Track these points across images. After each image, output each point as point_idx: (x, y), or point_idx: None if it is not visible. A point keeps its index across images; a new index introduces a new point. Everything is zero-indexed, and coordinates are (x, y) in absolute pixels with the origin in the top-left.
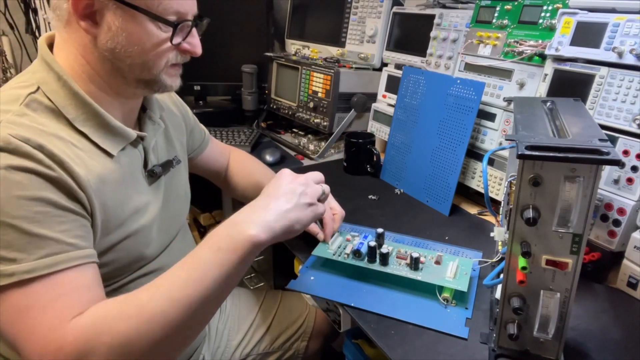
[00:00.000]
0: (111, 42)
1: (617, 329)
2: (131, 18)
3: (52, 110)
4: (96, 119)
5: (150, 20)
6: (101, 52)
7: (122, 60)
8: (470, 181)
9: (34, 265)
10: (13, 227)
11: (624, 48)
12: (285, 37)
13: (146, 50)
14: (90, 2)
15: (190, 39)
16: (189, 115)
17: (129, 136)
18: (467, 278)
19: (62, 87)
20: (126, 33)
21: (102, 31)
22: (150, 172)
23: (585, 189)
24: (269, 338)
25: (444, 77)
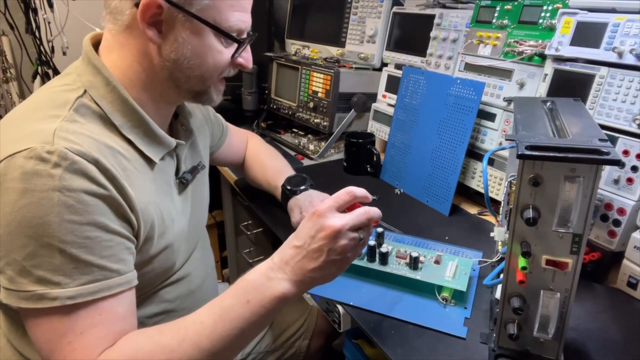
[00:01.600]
0: (175, 53)
1: (617, 329)
2: (198, 31)
3: (100, 116)
4: (142, 126)
5: (215, 35)
6: (162, 62)
7: (182, 71)
8: (470, 181)
9: (78, 292)
10: (61, 252)
11: (624, 48)
12: (285, 37)
13: (207, 64)
14: (159, 12)
15: (244, 54)
16: (210, 113)
17: (170, 144)
18: (466, 278)
19: (111, 92)
20: (191, 46)
21: (167, 41)
22: (182, 180)
23: (585, 189)
24: (270, 337)
25: (444, 77)
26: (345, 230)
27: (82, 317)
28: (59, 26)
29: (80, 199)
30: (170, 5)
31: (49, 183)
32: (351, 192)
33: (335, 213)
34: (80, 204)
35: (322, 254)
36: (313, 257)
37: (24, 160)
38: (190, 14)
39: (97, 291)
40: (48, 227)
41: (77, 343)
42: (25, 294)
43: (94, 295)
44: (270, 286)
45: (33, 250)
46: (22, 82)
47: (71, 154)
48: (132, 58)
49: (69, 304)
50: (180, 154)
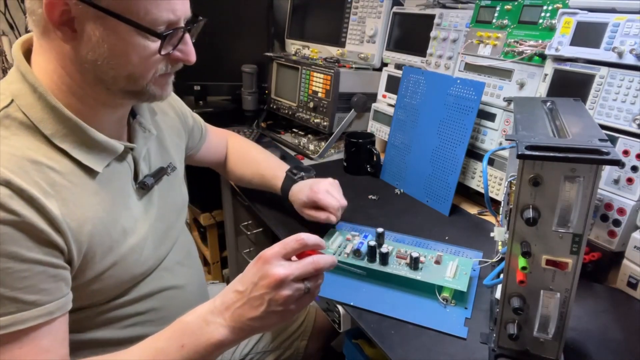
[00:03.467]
0: (92, 54)
1: (617, 329)
2: (113, 28)
3: (27, 126)
4: (77, 134)
5: (135, 30)
6: (81, 64)
7: (105, 72)
8: (470, 181)
9: None
10: None
11: (624, 48)
12: (285, 37)
13: (132, 63)
14: (66, 9)
15: (182, 47)
16: (187, 114)
17: (116, 150)
18: (467, 278)
19: (38, 100)
20: (108, 44)
21: (82, 41)
22: (142, 184)
23: (585, 189)
24: (268, 337)
25: (444, 77)
26: (289, 281)
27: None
28: None
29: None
30: (78, 1)
31: None
32: (301, 239)
33: (281, 261)
34: None
35: (263, 303)
36: (253, 305)
37: None
38: (100, 9)
39: (9, 325)
40: None
41: None
42: None
43: (6, 329)
44: (207, 331)
45: None
46: None
47: None
48: (55, 61)
49: None
50: (137, 157)
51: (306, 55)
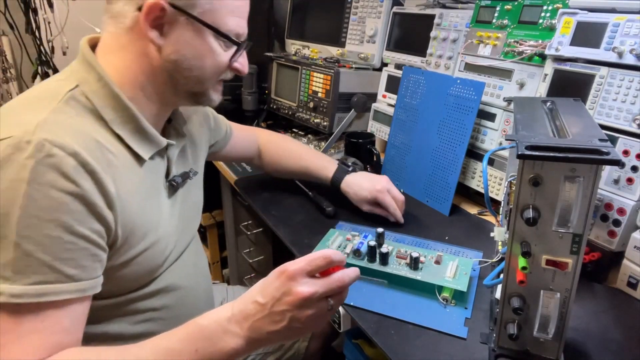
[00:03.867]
0: (175, 54)
1: (617, 329)
2: (199, 33)
3: (90, 110)
4: (133, 123)
5: (215, 38)
6: (162, 62)
7: (181, 72)
8: (470, 181)
9: (24, 290)
10: (17, 246)
11: (624, 48)
12: (285, 37)
13: (205, 66)
14: (162, 14)
15: (241, 59)
16: (209, 115)
17: (160, 143)
18: (467, 278)
19: (102, 88)
20: (192, 47)
21: (168, 43)
22: (171, 183)
23: (585, 189)
24: None
25: (444, 77)
26: (314, 299)
27: (24, 320)
28: (59, 26)
29: (48, 194)
30: (173, 8)
31: (19, 173)
32: (328, 257)
33: (306, 278)
34: (47, 199)
35: (284, 319)
36: (274, 320)
37: (2, 149)
38: (192, 17)
39: (44, 294)
40: (9, 218)
41: (13, 346)
42: None
43: (40, 297)
44: (223, 339)
45: None
46: (22, 82)
47: (49, 145)
48: (131, 59)
49: (14, 303)
50: (171, 157)
51: (306, 55)
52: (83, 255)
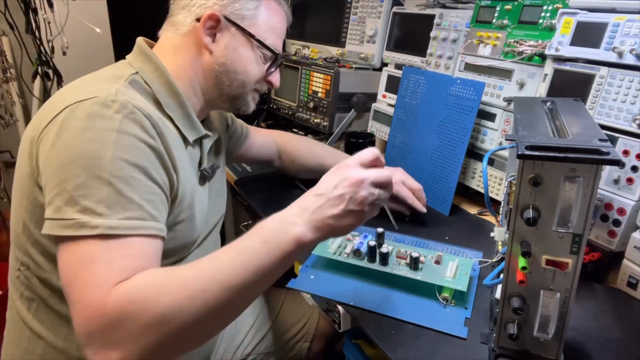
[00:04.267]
0: (224, 58)
1: (617, 329)
2: (245, 42)
3: (148, 92)
4: (182, 109)
5: (258, 48)
6: (212, 65)
7: (227, 75)
8: (470, 181)
9: (118, 224)
10: (109, 185)
11: (624, 48)
12: (285, 37)
13: (248, 71)
14: (215, 25)
15: (275, 73)
16: (228, 117)
17: (201, 131)
18: (467, 278)
19: (159, 77)
20: (238, 54)
21: (218, 48)
22: (203, 172)
23: (585, 189)
24: (270, 338)
25: (444, 77)
26: (367, 183)
27: (114, 247)
28: (59, 26)
29: (133, 143)
30: (226, 20)
31: (109, 124)
32: (375, 153)
33: (360, 167)
34: (132, 147)
35: (343, 201)
36: (334, 204)
37: (90, 106)
38: (241, 29)
39: (136, 227)
40: (102, 160)
41: (100, 269)
42: (68, 222)
43: (132, 230)
44: (288, 229)
45: (84, 181)
46: (22, 82)
47: (131, 105)
48: (184, 59)
49: (107, 234)
50: (204, 148)
51: (306, 55)
52: (158, 200)
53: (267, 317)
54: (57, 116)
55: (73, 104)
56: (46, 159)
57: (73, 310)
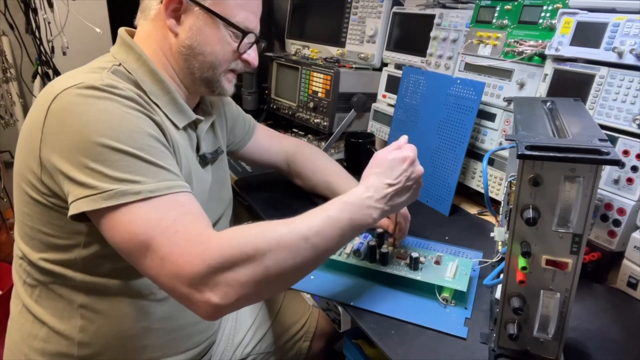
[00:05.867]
0: (189, 40)
1: (617, 329)
2: (210, 23)
3: (133, 81)
4: (167, 95)
5: (225, 27)
6: (179, 47)
7: (195, 57)
8: (470, 181)
9: (156, 186)
10: (134, 156)
11: (624, 48)
12: (285, 37)
13: (216, 52)
14: (178, 6)
15: (251, 52)
16: (232, 107)
17: (190, 116)
18: (467, 278)
19: (142, 66)
20: (203, 34)
21: (183, 30)
22: (202, 157)
23: (585, 189)
24: (270, 337)
25: (444, 77)
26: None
27: (169, 207)
28: (59, 26)
29: (137, 114)
30: (189, 0)
31: (107, 102)
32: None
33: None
34: (136, 118)
35: (410, 190)
36: (403, 193)
37: (79, 90)
38: (204, 8)
39: (172, 187)
40: (118, 134)
41: (176, 226)
42: (108, 193)
43: (171, 189)
44: (368, 212)
45: (109, 157)
46: (22, 82)
47: (121, 85)
48: (155, 45)
49: (152, 197)
50: (199, 133)
51: (306, 55)
52: (173, 164)
53: (267, 317)
54: (50, 107)
55: (61, 92)
56: (55, 145)
57: (166, 262)
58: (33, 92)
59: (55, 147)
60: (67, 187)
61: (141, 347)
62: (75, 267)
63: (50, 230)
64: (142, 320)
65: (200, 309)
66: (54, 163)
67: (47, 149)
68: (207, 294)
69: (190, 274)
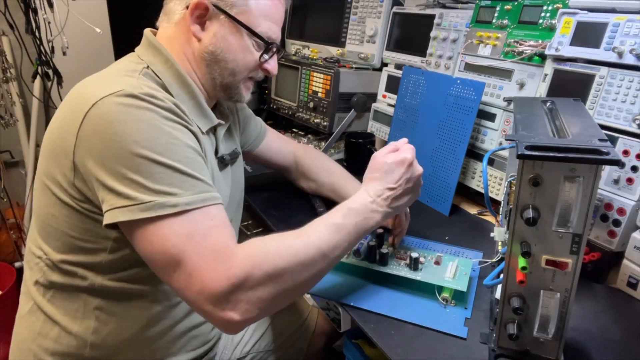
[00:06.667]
0: (212, 47)
1: (617, 329)
2: (234, 30)
3: (160, 85)
4: (193, 100)
5: (248, 36)
6: (201, 53)
7: (217, 63)
8: (470, 181)
9: (192, 199)
10: (172, 168)
11: (624, 48)
12: (285, 37)
13: (237, 60)
14: (204, 13)
15: (272, 61)
16: (245, 109)
17: (213, 120)
18: (467, 278)
19: (169, 69)
20: (227, 42)
21: (207, 36)
22: (221, 159)
23: (585, 189)
24: (269, 336)
25: (444, 77)
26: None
27: (200, 221)
28: (59, 26)
29: (175, 126)
30: (215, 7)
31: (147, 113)
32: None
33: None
34: (176, 130)
35: (411, 192)
36: (404, 195)
37: (122, 98)
38: (229, 16)
39: (207, 199)
40: (156, 146)
41: (206, 242)
42: (147, 205)
43: (206, 202)
44: (371, 217)
45: (147, 168)
46: (22, 82)
47: (159, 94)
48: (179, 48)
49: (187, 209)
50: (218, 136)
51: (306, 55)
52: (207, 173)
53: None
54: (88, 113)
55: (101, 99)
56: (93, 153)
57: (193, 278)
58: (33, 92)
59: (92, 154)
60: (103, 195)
61: (151, 349)
62: (98, 270)
63: (76, 234)
64: (155, 325)
65: (222, 325)
66: (90, 169)
67: (83, 154)
68: (229, 312)
69: (215, 291)
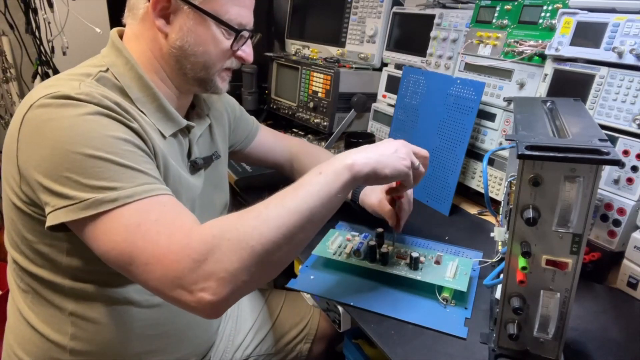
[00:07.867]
0: (180, 41)
1: (617, 329)
2: (201, 22)
3: (118, 88)
4: (155, 102)
5: (216, 26)
6: (169, 49)
7: (187, 58)
8: (470, 181)
9: (134, 191)
10: (109, 161)
11: (624, 48)
12: (285, 37)
13: (209, 52)
14: (167, 5)
15: (245, 48)
16: (235, 107)
17: (180, 123)
18: (467, 278)
19: (129, 71)
20: (195, 34)
21: (173, 30)
22: (193, 163)
23: (585, 189)
24: (271, 339)
25: (444, 77)
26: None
27: (149, 210)
28: (59, 26)
29: (113, 122)
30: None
31: (79, 110)
32: None
33: None
34: (114, 124)
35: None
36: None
37: (53, 100)
38: (193, 6)
39: (151, 190)
40: (92, 141)
41: (158, 226)
42: (85, 203)
43: (149, 193)
44: (340, 159)
45: (83, 164)
46: (22, 82)
47: (97, 94)
48: (145, 46)
49: (131, 202)
50: (192, 138)
51: (306, 55)
52: (152, 168)
53: (268, 318)
54: (25, 116)
55: (36, 101)
56: (30, 155)
57: (151, 266)
58: None
59: (30, 157)
60: (44, 197)
61: (136, 353)
62: (62, 273)
63: (34, 237)
64: (136, 327)
65: (197, 309)
66: (31, 172)
67: (23, 158)
68: (199, 293)
69: (177, 271)
